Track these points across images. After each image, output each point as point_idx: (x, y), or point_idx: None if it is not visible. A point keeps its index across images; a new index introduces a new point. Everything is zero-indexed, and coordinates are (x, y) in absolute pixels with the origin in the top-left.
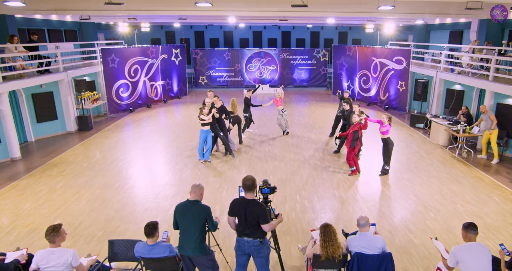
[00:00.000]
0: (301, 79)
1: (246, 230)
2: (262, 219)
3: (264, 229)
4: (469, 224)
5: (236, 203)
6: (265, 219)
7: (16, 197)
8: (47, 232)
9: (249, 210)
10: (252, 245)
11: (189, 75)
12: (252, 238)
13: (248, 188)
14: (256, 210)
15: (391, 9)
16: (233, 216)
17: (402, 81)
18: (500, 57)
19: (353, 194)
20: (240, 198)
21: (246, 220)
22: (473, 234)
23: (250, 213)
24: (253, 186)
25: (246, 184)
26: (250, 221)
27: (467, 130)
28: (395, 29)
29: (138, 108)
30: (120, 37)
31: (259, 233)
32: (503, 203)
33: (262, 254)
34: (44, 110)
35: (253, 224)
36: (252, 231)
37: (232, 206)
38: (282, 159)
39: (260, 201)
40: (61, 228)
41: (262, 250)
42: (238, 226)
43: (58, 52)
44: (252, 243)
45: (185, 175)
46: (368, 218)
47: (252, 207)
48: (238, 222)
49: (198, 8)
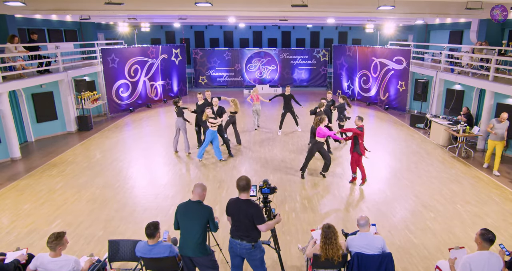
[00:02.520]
0: (301, 79)
1: (239, 231)
2: (257, 219)
3: (260, 230)
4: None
5: (231, 203)
6: (260, 219)
7: (16, 197)
8: (50, 239)
9: (243, 210)
10: (243, 248)
11: (189, 75)
12: (245, 241)
13: (242, 188)
14: (250, 210)
15: (391, 9)
16: (229, 216)
17: (402, 81)
18: (500, 57)
19: (353, 194)
20: (235, 198)
21: (240, 220)
22: (487, 243)
23: (244, 214)
24: (248, 186)
25: (240, 184)
26: (244, 222)
27: (467, 130)
28: (395, 29)
29: (138, 108)
30: (120, 37)
31: (253, 235)
32: (503, 203)
33: (254, 257)
34: (44, 110)
35: (246, 225)
36: (245, 233)
37: (227, 206)
38: (282, 158)
39: (259, 201)
40: (65, 236)
41: (254, 254)
42: (231, 226)
43: (58, 52)
44: (244, 246)
45: (185, 175)
46: (368, 218)
47: (246, 207)
48: (231, 222)
49: (198, 8)
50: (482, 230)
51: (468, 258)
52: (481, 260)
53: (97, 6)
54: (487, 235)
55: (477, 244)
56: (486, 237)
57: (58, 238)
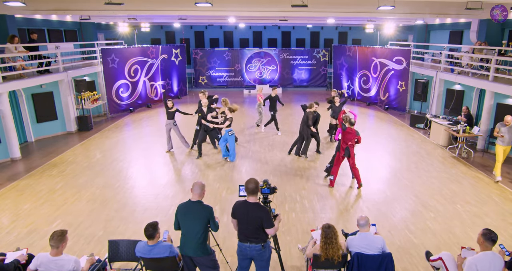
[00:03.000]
0: (301, 79)
1: (248, 235)
2: (266, 223)
3: (269, 233)
4: (491, 233)
5: (238, 206)
6: (270, 223)
7: (16, 197)
8: (55, 235)
9: (252, 214)
10: (254, 250)
11: (189, 75)
12: (254, 242)
13: (252, 191)
14: (260, 214)
15: (391, 9)
16: (235, 219)
17: (402, 81)
18: (500, 57)
19: (353, 194)
20: (242, 201)
21: (248, 224)
22: (490, 243)
23: (253, 217)
24: (257, 189)
25: (249, 187)
26: (252, 225)
27: (467, 130)
28: (395, 29)
29: (138, 108)
30: (120, 37)
31: (261, 236)
32: (503, 203)
33: (263, 258)
34: (44, 110)
35: (256, 228)
36: (254, 235)
37: (234, 209)
38: (282, 158)
39: (259, 201)
40: (67, 234)
41: (264, 254)
42: (240, 230)
43: (58, 52)
44: (253, 247)
45: (185, 175)
46: (368, 218)
47: (255, 210)
48: (239, 226)
49: (198, 8)
50: (484, 230)
51: (473, 259)
52: (486, 261)
53: (97, 6)
54: (490, 235)
55: (479, 245)
56: (488, 237)
57: (62, 235)
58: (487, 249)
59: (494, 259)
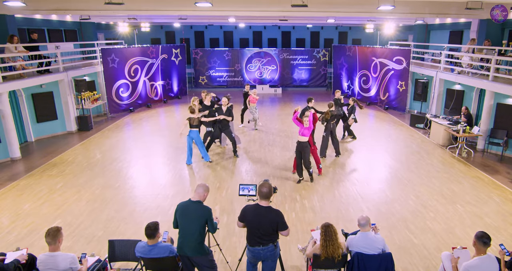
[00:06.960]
0: (301, 79)
1: (258, 238)
2: (281, 226)
3: (283, 235)
4: (483, 235)
5: (249, 210)
6: (285, 226)
7: (16, 197)
8: (50, 231)
9: (266, 218)
10: (268, 251)
11: (189, 75)
12: (267, 245)
13: (265, 195)
14: (274, 218)
15: (391, 9)
16: (243, 222)
17: (402, 81)
18: (500, 57)
19: (353, 194)
20: (254, 205)
21: (260, 228)
22: (484, 246)
23: (267, 222)
24: (270, 194)
25: (263, 191)
26: (265, 229)
27: (467, 130)
28: (395, 29)
29: (138, 108)
30: (120, 37)
31: (273, 237)
32: (503, 203)
33: (275, 258)
34: (44, 110)
35: (267, 231)
36: (266, 237)
37: (244, 213)
38: (282, 158)
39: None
40: (61, 230)
41: (276, 253)
42: (250, 235)
43: (58, 52)
44: (267, 249)
45: (185, 175)
46: (369, 218)
47: (269, 215)
48: (249, 230)
49: (198, 8)
50: (479, 232)
51: (468, 266)
52: (482, 266)
53: (97, 6)
54: (482, 238)
55: (475, 248)
56: (483, 241)
57: (57, 231)
58: (481, 252)
59: (490, 264)
